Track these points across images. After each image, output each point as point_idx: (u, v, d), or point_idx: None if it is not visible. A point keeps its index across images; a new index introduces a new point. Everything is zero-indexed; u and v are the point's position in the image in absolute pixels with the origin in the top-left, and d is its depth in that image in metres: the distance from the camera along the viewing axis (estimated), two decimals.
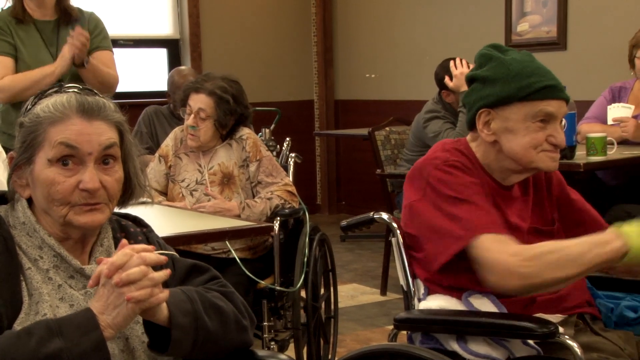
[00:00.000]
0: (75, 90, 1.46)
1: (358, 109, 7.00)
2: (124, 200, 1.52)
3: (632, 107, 3.85)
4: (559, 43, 5.31)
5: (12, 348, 1.25)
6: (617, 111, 3.86)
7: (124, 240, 1.41)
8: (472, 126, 1.95)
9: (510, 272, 1.75)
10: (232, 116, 3.14)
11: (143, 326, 1.43)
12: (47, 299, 1.39)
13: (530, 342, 1.82)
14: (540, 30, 5.47)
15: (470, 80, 1.97)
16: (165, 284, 1.41)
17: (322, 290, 3.38)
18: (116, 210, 1.52)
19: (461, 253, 1.83)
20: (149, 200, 1.61)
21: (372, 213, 2.12)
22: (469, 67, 3.99)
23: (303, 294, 3.17)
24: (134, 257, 1.32)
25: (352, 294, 4.75)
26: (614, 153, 3.63)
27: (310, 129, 7.06)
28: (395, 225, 2.03)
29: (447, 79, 4.09)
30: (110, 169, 1.44)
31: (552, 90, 1.86)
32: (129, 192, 1.52)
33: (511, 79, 1.86)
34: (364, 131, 4.88)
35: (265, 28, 6.92)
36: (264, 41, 6.90)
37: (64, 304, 1.41)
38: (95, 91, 1.49)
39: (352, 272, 5.25)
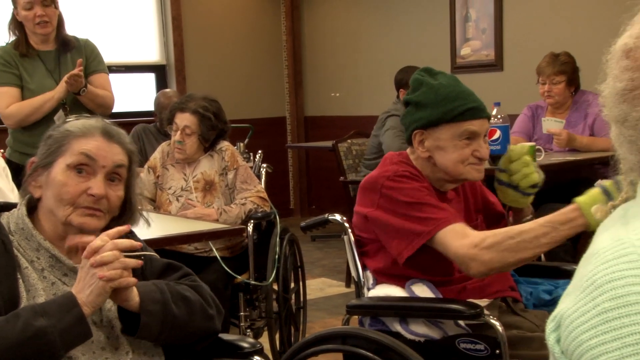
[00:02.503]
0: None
1: (325, 124, 7.04)
2: (119, 221, 1.55)
3: (563, 121, 3.96)
4: (496, 65, 5.39)
5: (1, 330, 1.27)
6: (551, 124, 3.96)
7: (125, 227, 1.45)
8: (410, 142, 2.00)
9: (473, 261, 1.76)
10: (213, 131, 3.18)
11: (117, 313, 1.45)
12: (42, 293, 1.42)
13: (461, 322, 1.87)
14: (480, 53, 5.53)
15: (406, 103, 2.00)
16: (144, 278, 1.46)
17: (293, 284, 3.42)
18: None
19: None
20: (139, 207, 1.66)
21: (327, 215, 2.17)
22: None
23: (275, 287, 3.20)
24: (108, 242, 1.37)
25: (320, 287, 4.80)
26: (542, 159, 3.74)
27: (283, 142, 7.10)
28: (347, 225, 2.09)
29: None
30: (114, 186, 1.50)
31: (475, 112, 1.90)
32: (126, 214, 1.56)
33: (439, 103, 1.90)
34: (329, 143, 4.93)
35: (242, 54, 6.94)
36: (241, 66, 6.93)
37: None
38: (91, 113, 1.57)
39: (321, 268, 5.30)
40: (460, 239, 1.80)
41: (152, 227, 2.60)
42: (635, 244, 0.74)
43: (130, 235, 1.60)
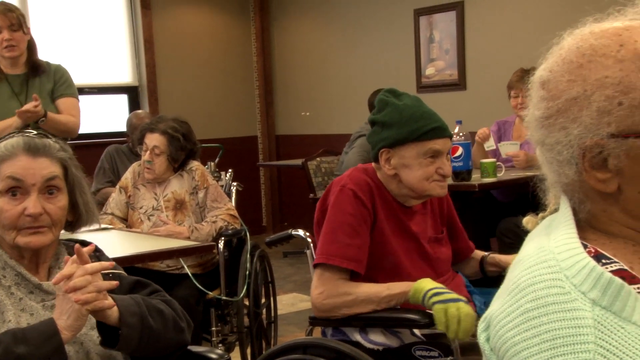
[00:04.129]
0: (27, 134, 1.53)
1: (296, 142, 7.09)
2: (72, 226, 1.58)
3: (518, 143, 4.07)
4: (459, 84, 5.49)
5: None
6: (508, 148, 4.08)
7: (67, 256, 1.47)
8: (376, 160, 2.05)
9: (314, 304, 1.98)
10: (182, 151, 3.22)
11: (96, 326, 1.48)
12: (10, 308, 1.45)
13: (417, 331, 1.94)
14: (444, 73, 5.64)
15: (372, 123, 2.05)
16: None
17: (264, 299, 3.46)
18: (71, 236, 1.59)
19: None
20: (110, 226, 1.69)
21: (290, 230, 2.23)
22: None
23: (247, 302, 3.24)
24: (79, 268, 1.39)
25: (292, 302, 4.84)
26: (503, 175, 3.84)
27: (255, 160, 7.15)
28: (310, 240, 2.16)
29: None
30: (54, 198, 1.50)
31: (438, 131, 1.96)
32: (77, 219, 1.58)
33: (404, 123, 1.95)
34: (300, 162, 4.99)
35: (213, 76, 6.99)
36: (213, 87, 6.98)
37: (25, 314, 1.47)
38: (47, 134, 1.57)
39: (292, 283, 5.34)
40: (323, 278, 1.95)
41: (123, 244, 2.66)
42: (554, 251, 0.82)
43: (99, 254, 1.62)
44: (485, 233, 4.08)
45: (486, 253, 2.28)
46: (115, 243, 2.69)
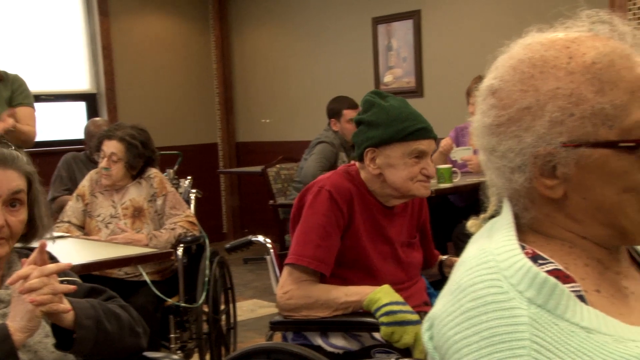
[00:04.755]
0: None
1: (256, 149, 7.10)
2: (27, 239, 1.57)
3: (471, 147, 4.14)
4: (417, 91, 5.55)
5: None
6: (461, 153, 4.14)
7: (24, 259, 1.46)
8: (360, 159, 2.04)
9: (277, 302, 2.01)
10: (140, 159, 3.20)
11: (51, 329, 1.47)
12: None
13: (376, 335, 1.95)
14: (402, 81, 5.71)
15: (358, 123, 2.04)
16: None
17: (223, 306, 3.47)
18: (24, 245, 1.58)
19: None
20: (67, 234, 1.67)
21: (250, 236, 2.23)
22: None
23: (206, 309, 3.22)
24: (36, 269, 1.39)
25: (252, 308, 4.83)
26: (459, 180, 3.90)
27: (215, 167, 7.12)
28: (269, 246, 2.17)
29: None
30: (16, 211, 1.51)
31: (423, 132, 1.97)
32: (32, 232, 1.58)
33: (390, 123, 1.95)
34: (259, 168, 4.99)
35: (173, 83, 6.96)
36: (172, 93, 6.94)
37: None
38: (12, 145, 1.56)
39: (253, 289, 5.33)
40: (291, 279, 1.98)
41: (80, 252, 2.62)
42: (494, 252, 0.84)
43: (54, 261, 1.60)
44: (443, 237, 4.13)
45: (444, 256, 2.31)
46: (72, 251, 2.65)
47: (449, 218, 4.09)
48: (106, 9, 6.44)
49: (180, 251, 3.13)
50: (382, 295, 1.90)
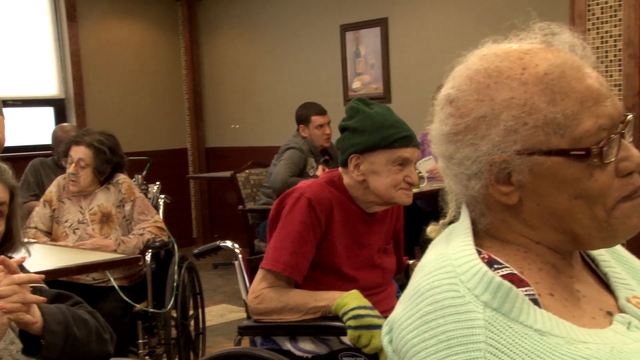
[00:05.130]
0: None
1: (226, 154, 7.08)
2: (1, 250, 1.56)
3: (431, 157, 4.18)
4: (385, 97, 5.59)
5: None
6: (424, 165, 4.18)
7: (1, 257, 1.46)
8: (344, 165, 2.03)
9: (248, 305, 2.03)
10: (108, 164, 3.18)
11: (19, 334, 1.47)
12: None
13: (344, 338, 1.96)
14: (370, 87, 5.74)
15: (342, 129, 2.03)
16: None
17: (192, 311, 3.46)
18: None
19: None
20: (33, 240, 1.66)
21: (218, 241, 2.23)
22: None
23: (174, 314, 3.22)
24: (6, 277, 1.39)
25: (221, 313, 4.82)
26: (425, 186, 3.94)
27: (185, 173, 7.09)
28: (238, 251, 2.17)
29: None
30: None
31: (408, 140, 1.96)
32: (7, 244, 1.58)
33: (375, 130, 1.94)
34: (229, 174, 4.98)
35: (142, 89, 6.91)
36: (142, 99, 6.89)
37: None
38: None
39: (222, 294, 5.31)
40: (265, 283, 1.99)
41: (47, 258, 2.60)
42: (452, 257, 0.85)
43: (20, 269, 1.60)
44: (410, 242, 4.17)
45: (411, 261, 2.33)
46: (39, 257, 2.62)
47: (416, 222, 4.12)
48: (74, 14, 6.38)
49: (148, 257, 3.11)
50: (350, 300, 1.91)
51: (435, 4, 5.35)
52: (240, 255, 2.15)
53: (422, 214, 4.22)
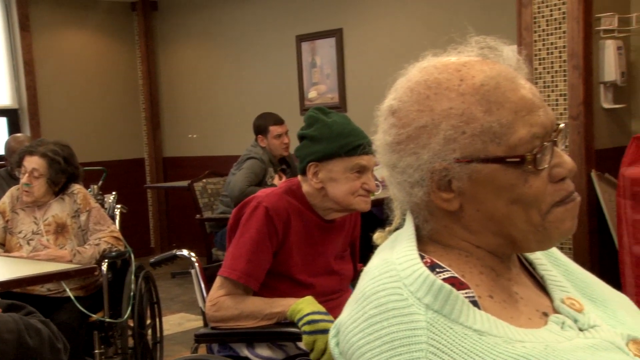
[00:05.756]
0: None
1: (184, 164, 7.04)
2: None
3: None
4: (340, 107, 5.63)
5: None
6: (381, 171, 4.22)
7: None
8: (303, 173, 2.04)
9: (206, 313, 2.03)
10: (63, 175, 3.15)
11: None
12: None
13: (301, 344, 1.97)
14: (326, 96, 5.79)
15: (301, 137, 2.04)
16: None
17: (149, 320, 3.44)
18: None
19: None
20: None
21: (174, 250, 2.22)
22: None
23: (131, 323, 3.19)
24: None
25: (179, 321, 4.78)
26: (380, 193, 3.97)
27: (142, 182, 7.02)
28: (194, 259, 2.17)
29: None
30: None
31: (365, 148, 1.97)
32: None
33: (333, 138, 1.95)
34: (186, 183, 4.97)
35: (98, 99, 6.84)
36: (97, 110, 6.82)
37: None
38: None
39: (180, 303, 5.27)
40: (222, 291, 1.99)
41: (0, 269, 2.55)
42: (396, 262, 0.88)
43: None
44: (366, 248, 4.19)
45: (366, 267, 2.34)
46: None
47: (371, 229, 4.15)
48: (27, 23, 6.29)
49: (104, 266, 3.08)
50: (305, 306, 1.92)
51: (387, 15, 5.42)
52: (196, 264, 2.15)
53: (377, 221, 4.26)
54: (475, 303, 0.86)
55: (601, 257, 4.14)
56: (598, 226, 4.12)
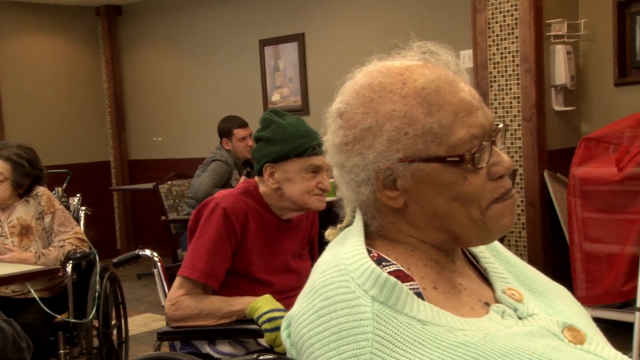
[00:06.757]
0: None
1: (149, 166, 6.99)
2: None
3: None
4: (303, 109, 5.66)
5: None
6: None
7: None
8: (260, 174, 2.06)
9: (166, 313, 2.03)
10: (27, 178, 3.13)
11: None
12: None
13: (262, 341, 1.98)
14: (289, 99, 5.81)
15: (257, 139, 2.06)
16: None
17: (115, 320, 3.42)
18: None
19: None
20: None
21: (137, 250, 2.22)
22: None
23: (96, 324, 3.17)
24: None
25: (145, 322, 4.75)
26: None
27: (108, 185, 6.97)
28: (157, 259, 2.17)
29: None
30: None
31: (318, 148, 2.00)
32: None
33: (287, 140, 1.98)
34: (152, 185, 4.94)
35: (62, 102, 6.77)
36: (61, 113, 6.75)
37: None
38: None
39: (146, 304, 5.24)
40: (181, 290, 1.99)
41: None
42: (344, 257, 0.90)
43: None
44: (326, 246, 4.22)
45: None
46: None
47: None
48: None
49: (69, 268, 3.06)
50: (263, 304, 1.94)
51: (348, 20, 5.47)
52: (159, 264, 2.15)
53: (336, 220, 4.29)
54: (419, 294, 0.88)
55: (554, 253, 4.23)
56: (551, 224, 4.22)
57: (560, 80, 4.17)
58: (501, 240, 4.29)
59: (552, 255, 4.23)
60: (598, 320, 1.03)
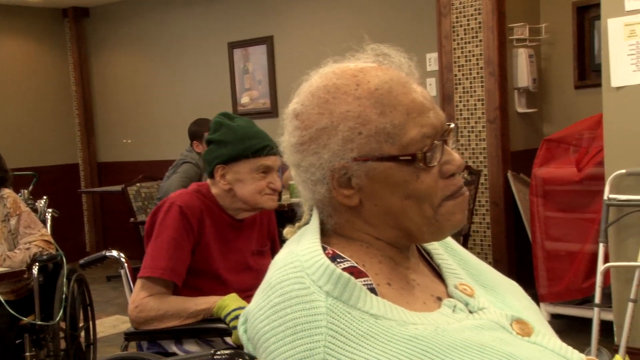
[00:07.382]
0: None
1: (119, 169, 6.95)
2: None
3: None
4: (272, 112, 5.69)
5: None
6: None
7: None
8: (211, 176, 2.07)
9: (129, 316, 2.00)
10: None
11: None
12: None
13: (228, 339, 1.99)
14: (258, 102, 5.82)
15: (208, 142, 2.07)
16: None
17: (83, 322, 3.39)
18: None
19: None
20: None
21: (104, 251, 2.21)
22: None
23: (64, 326, 3.14)
24: None
25: (114, 324, 4.72)
26: None
27: (77, 187, 6.90)
28: (123, 260, 2.16)
29: None
30: None
31: (268, 149, 2.01)
32: None
33: (238, 141, 2.00)
34: (120, 187, 4.91)
35: (29, 104, 6.69)
36: (28, 116, 6.67)
37: None
38: None
39: (115, 306, 5.20)
40: (143, 291, 1.98)
41: None
42: (300, 254, 0.92)
43: None
44: None
45: None
46: None
47: None
48: None
49: (35, 270, 3.02)
50: (230, 302, 1.95)
51: (315, 23, 5.50)
52: (126, 265, 2.15)
53: (294, 219, 4.30)
54: (373, 290, 0.90)
55: (517, 251, 4.30)
56: (514, 223, 4.28)
57: (523, 83, 4.25)
58: (466, 239, 4.35)
59: (515, 254, 4.30)
60: (559, 317, 1.07)
